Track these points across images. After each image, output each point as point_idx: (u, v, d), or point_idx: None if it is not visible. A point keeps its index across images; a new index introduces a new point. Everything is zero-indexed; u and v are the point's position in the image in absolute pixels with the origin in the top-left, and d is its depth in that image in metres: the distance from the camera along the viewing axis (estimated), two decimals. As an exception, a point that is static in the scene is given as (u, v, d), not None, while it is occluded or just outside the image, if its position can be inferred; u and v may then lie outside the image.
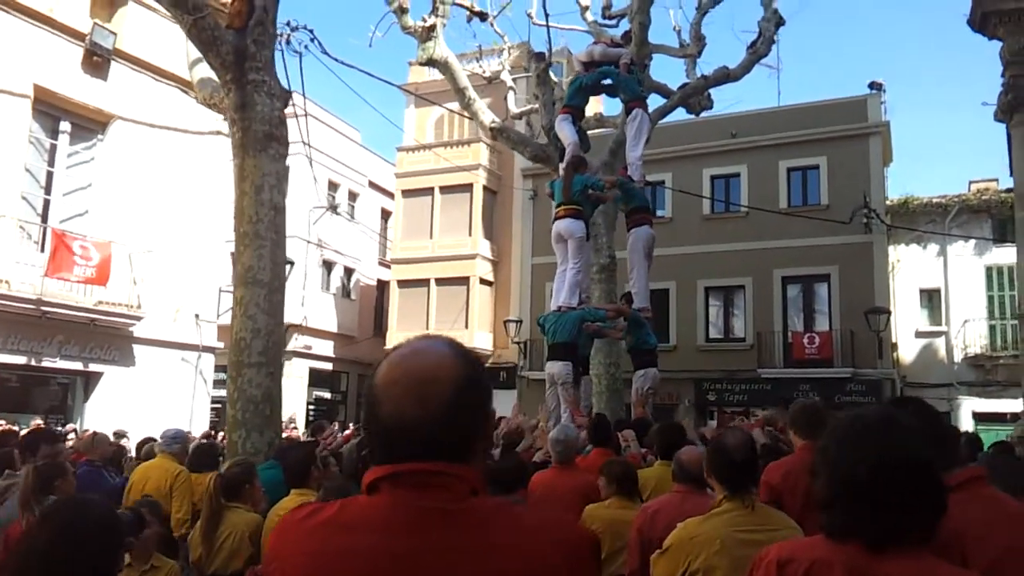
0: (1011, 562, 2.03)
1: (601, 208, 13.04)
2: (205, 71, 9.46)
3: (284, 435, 14.70)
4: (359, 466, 6.44)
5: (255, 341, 7.83)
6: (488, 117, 14.08)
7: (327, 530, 1.28)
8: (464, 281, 26.29)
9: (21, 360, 14.08)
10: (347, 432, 9.79)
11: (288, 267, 22.90)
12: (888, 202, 23.88)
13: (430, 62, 13.58)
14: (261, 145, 8.18)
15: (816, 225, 21.81)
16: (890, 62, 73.06)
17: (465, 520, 1.25)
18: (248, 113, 8.20)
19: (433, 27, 13.23)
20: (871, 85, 23.48)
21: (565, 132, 10.66)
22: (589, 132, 16.14)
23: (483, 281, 26.54)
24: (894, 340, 22.91)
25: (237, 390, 7.72)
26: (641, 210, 10.56)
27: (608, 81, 11.03)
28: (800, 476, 3.65)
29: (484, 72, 18.54)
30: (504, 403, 13.28)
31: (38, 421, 13.40)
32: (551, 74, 14.86)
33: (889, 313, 21.38)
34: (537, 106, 14.73)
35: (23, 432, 7.75)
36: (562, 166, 10.37)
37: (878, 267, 22.27)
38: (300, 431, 15.95)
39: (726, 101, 56.58)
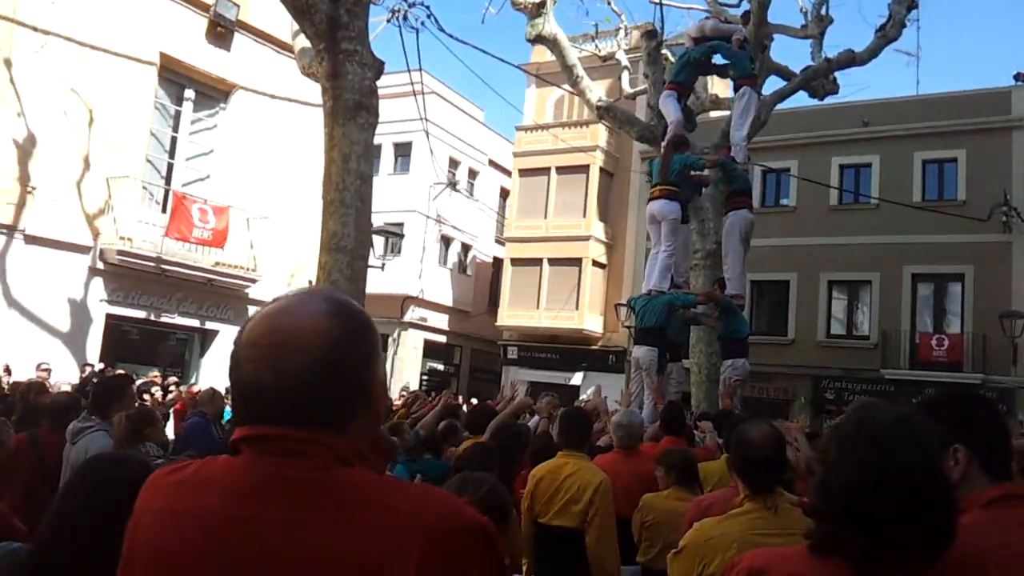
0: None
1: (709, 192, 12.63)
2: (305, 41, 9.61)
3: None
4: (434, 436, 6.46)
5: (337, 308, 7.89)
6: (596, 95, 13.80)
7: (178, 489, 1.21)
8: (577, 262, 26.07)
9: (141, 314, 14.86)
10: (434, 400, 9.76)
11: (393, 239, 23.55)
12: (1031, 200, 22.18)
13: (539, 39, 13.39)
14: (351, 114, 8.24)
15: (951, 221, 20.49)
16: (1040, 53, 67.69)
17: (320, 491, 1.13)
18: (339, 82, 8.27)
19: (543, 3, 13.02)
20: (1016, 76, 21.79)
21: (668, 109, 10.33)
22: (704, 114, 15.75)
23: (596, 263, 26.25)
24: (1031, 346, 21.34)
25: (319, 355, 7.81)
26: (741, 193, 10.12)
27: (719, 58, 10.60)
28: None
29: (600, 52, 18.21)
30: (613, 388, 13.03)
31: (155, 373, 14.12)
32: (666, 52, 14.44)
33: (1027, 318, 19.89)
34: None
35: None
36: (663, 144, 10.06)
37: (1017, 268, 20.71)
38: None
39: (853, 86, 54.13)
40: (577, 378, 25.22)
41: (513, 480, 5.69)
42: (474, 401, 14.80)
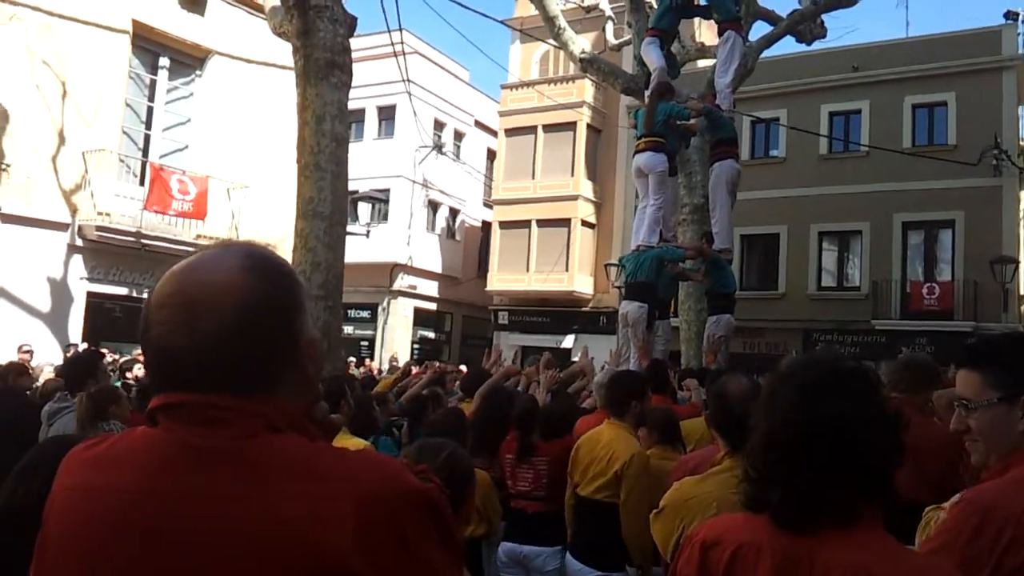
0: None
1: (696, 144, 12.40)
2: (276, -1, 9.33)
3: (361, 371, 14.86)
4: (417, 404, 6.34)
5: (315, 275, 7.76)
6: (578, 48, 13.50)
7: (93, 465, 1.12)
8: (565, 223, 25.83)
9: (123, 291, 14.66)
10: (415, 371, 9.64)
11: (380, 206, 23.28)
12: (1022, 143, 21.90)
13: (519, -10, 13.08)
14: (323, 73, 7.99)
15: (942, 167, 20.28)
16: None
17: (242, 461, 1.04)
18: (311, 40, 8.02)
19: (521, -48, 12.70)
20: (1007, 15, 21.50)
21: (651, 56, 10.05)
22: (691, 63, 15.46)
23: (585, 223, 26.02)
24: (1022, 292, 21.27)
25: (296, 323, 7.67)
26: (727, 142, 9.89)
27: (702, 1, 10.31)
28: None
29: (583, 2, 17.85)
30: (604, 350, 12.85)
31: (139, 351, 13.92)
32: (650, 0, 14.12)
33: (1017, 263, 19.79)
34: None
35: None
36: (647, 93, 9.81)
37: (1007, 213, 20.56)
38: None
39: (841, 29, 53.48)
40: (569, 341, 25.10)
41: (498, 445, 5.57)
42: (463, 368, 14.71)
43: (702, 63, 17.22)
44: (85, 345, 12.77)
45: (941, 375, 4.02)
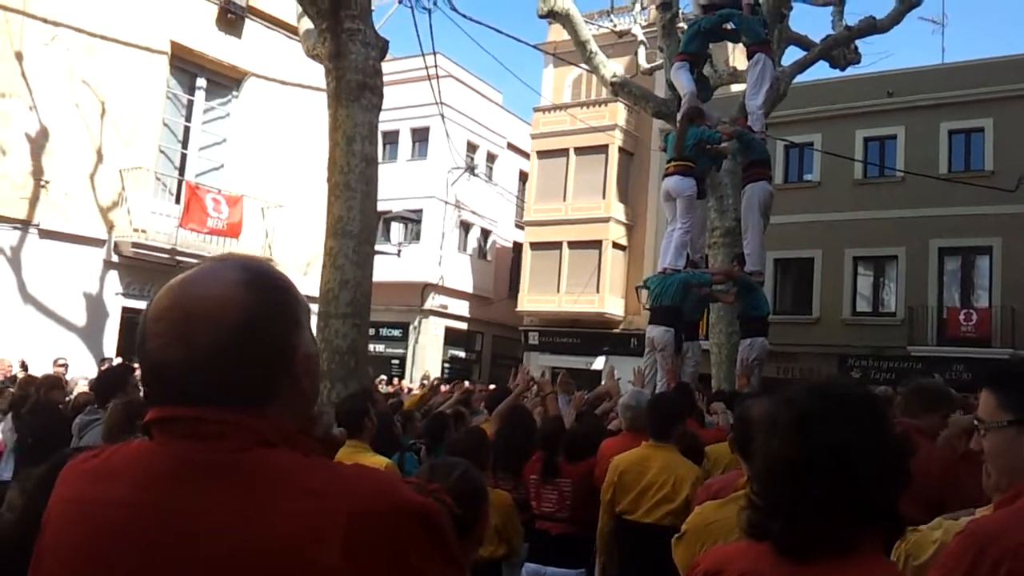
0: None
1: (728, 167, 12.36)
2: (309, 22, 9.45)
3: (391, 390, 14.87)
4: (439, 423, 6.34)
5: (343, 292, 7.80)
6: (610, 72, 13.54)
7: (89, 478, 1.11)
8: (597, 245, 25.79)
9: (157, 307, 14.80)
10: (444, 388, 9.65)
11: (412, 226, 23.39)
12: (1060, 169, 21.63)
13: (551, 14, 13.15)
14: (354, 95, 8.05)
15: (979, 193, 19.93)
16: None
17: (236, 475, 1.03)
18: (342, 62, 8.09)
19: (555, -23, 12.79)
20: (1045, 40, 21.24)
21: (681, 81, 10.06)
22: (723, 87, 15.44)
23: (616, 245, 25.97)
24: (1061, 320, 20.88)
25: (324, 341, 7.72)
26: (759, 164, 9.83)
27: (730, 25, 10.31)
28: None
29: (615, 27, 17.92)
30: (632, 371, 12.75)
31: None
32: (682, 25, 14.13)
33: (1056, 290, 19.45)
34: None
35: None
36: (678, 117, 9.81)
37: (1047, 240, 20.23)
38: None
39: (876, 55, 53.10)
40: (599, 362, 24.96)
41: (522, 465, 5.55)
42: (493, 387, 14.70)
43: (735, 87, 17.18)
44: (119, 360, 12.93)
45: (953, 399, 3.99)
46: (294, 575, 0.97)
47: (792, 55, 14.63)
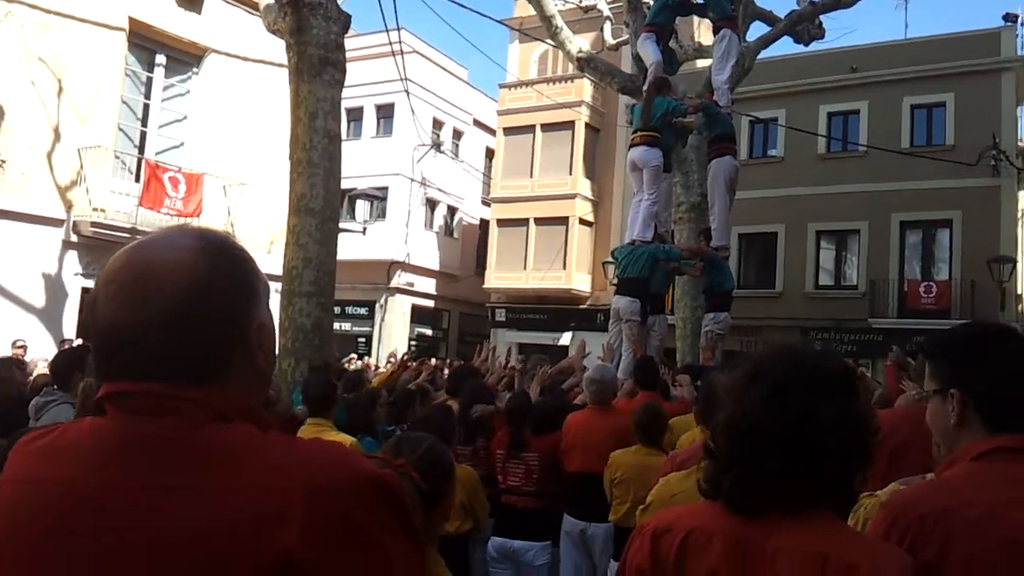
0: (1012, 559, 1.49)
1: (694, 143, 12.38)
2: (270, -5, 9.30)
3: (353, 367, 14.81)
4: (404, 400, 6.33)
5: (306, 271, 7.77)
6: (575, 47, 13.48)
7: (40, 456, 1.07)
8: (563, 221, 25.81)
9: (118, 287, 14.59)
10: (412, 366, 9.60)
11: (378, 203, 23.24)
12: (1020, 144, 21.95)
13: (515, -13, 13.06)
14: (316, 70, 7.98)
15: (940, 167, 20.25)
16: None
17: (189, 452, 1.01)
18: (304, 37, 8.01)
19: (518, -49, 12.68)
20: (1005, 17, 21.59)
21: (648, 51, 10.01)
22: (688, 62, 15.44)
23: (583, 221, 26.00)
24: (1019, 292, 21.31)
25: (288, 319, 7.70)
26: (725, 139, 9.84)
27: None
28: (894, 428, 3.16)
29: (581, 3, 17.83)
30: (600, 347, 12.81)
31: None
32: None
33: (1015, 262, 19.79)
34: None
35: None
36: (644, 88, 9.78)
37: (1005, 213, 20.64)
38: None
39: (840, 30, 53.51)
40: (566, 338, 25.09)
41: (490, 441, 5.58)
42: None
43: (701, 63, 17.19)
44: (80, 341, 12.73)
45: None
46: (252, 552, 0.95)
47: (757, 30, 14.67)
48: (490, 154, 30.02)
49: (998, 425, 1.66)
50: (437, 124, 28.34)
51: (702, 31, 18.67)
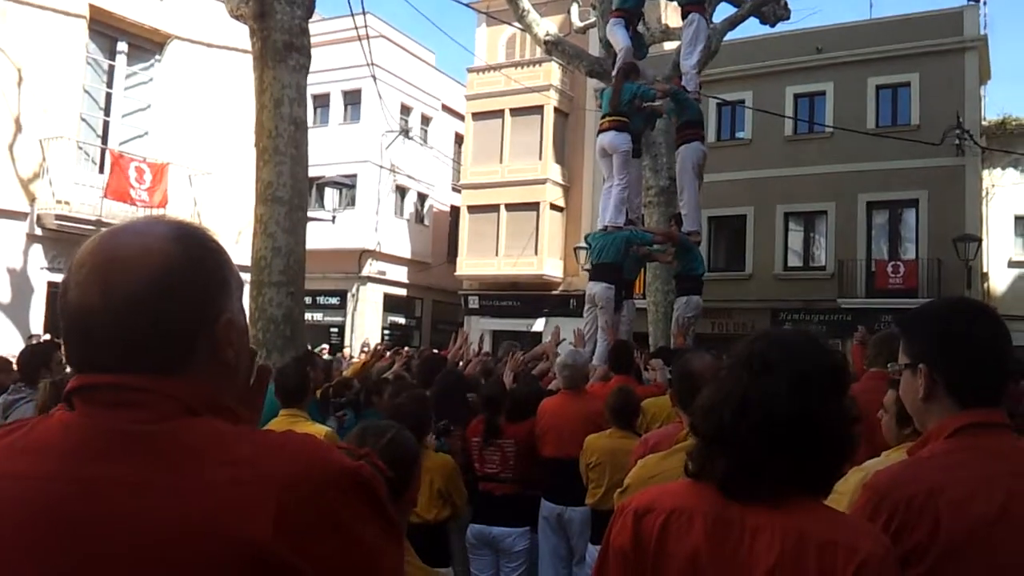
0: (997, 534, 1.53)
1: (662, 127, 12.41)
2: (233, -20, 9.16)
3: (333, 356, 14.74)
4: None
5: (275, 260, 7.71)
6: (543, 31, 13.44)
7: (7, 451, 1.05)
8: (534, 207, 25.76)
9: (84, 280, 14.41)
10: (388, 355, 9.55)
11: (346, 191, 23.10)
12: (984, 123, 22.29)
13: (483, -28, 12.98)
14: (281, 56, 7.89)
15: (905, 147, 20.42)
16: (999, -28, 67.63)
17: (158, 446, 0.99)
18: (267, 22, 7.91)
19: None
20: (968, -4, 21.77)
21: (617, 37, 10.02)
22: (655, 45, 15.45)
23: (553, 207, 25.98)
24: (984, 270, 21.62)
25: (258, 309, 7.64)
26: (693, 124, 9.89)
27: None
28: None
29: (548, -15, 17.76)
30: (573, 332, 12.86)
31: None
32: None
33: (980, 241, 20.14)
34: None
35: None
36: (613, 73, 9.78)
37: (970, 192, 20.93)
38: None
39: (804, 11, 53.64)
40: (539, 324, 25.13)
41: (464, 426, 5.58)
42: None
43: (668, 45, 17.22)
44: (47, 336, 12.56)
45: None
46: (225, 548, 0.94)
47: (723, 12, 14.69)
48: (459, 140, 29.89)
49: (965, 399, 1.69)
50: (405, 110, 28.16)
51: (669, 13, 18.69)
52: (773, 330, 1.66)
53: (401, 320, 29.25)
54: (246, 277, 19.01)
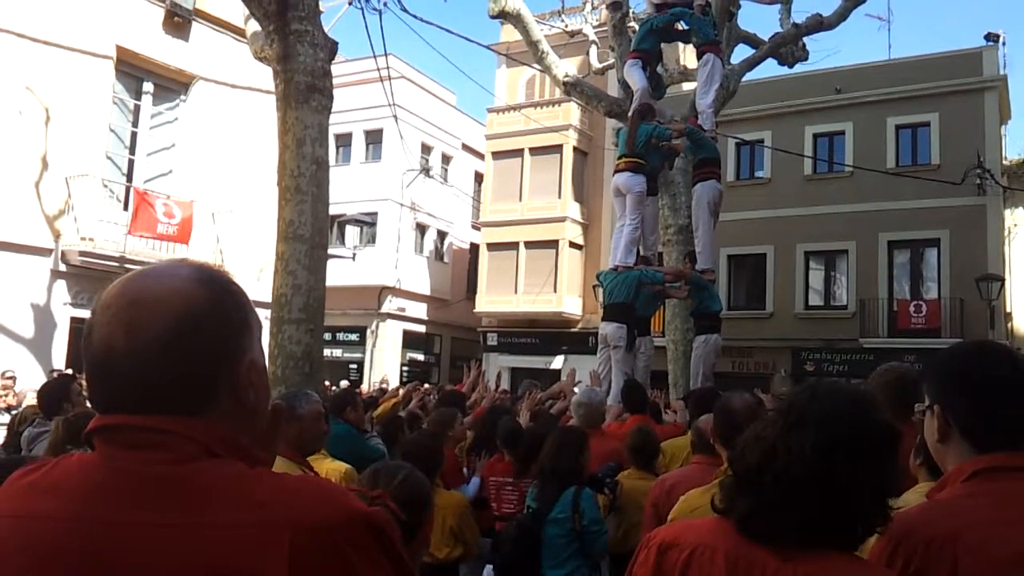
0: None
1: (681, 166, 12.45)
2: (257, 24, 9.34)
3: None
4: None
5: (295, 297, 7.72)
6: (562, 71, 13.58)
7: (28, 491, 1.06)
8: (553, 244, 25.86)
9: (107, 316, 14.53)
10: (403, 392, 9.57)
11: (367, 229, 23.24)
12: (1005, 162, 22.26)
13: (502, 14, 13.14)
14: (303, 97, 7.97)
15: (926, 186, 20.43)
16: (1009, 12, 67.97)
17: (176, 488, 1.01)
18: (291, 64, 8.00)
19: (506, -23, 12.79)
20: (987, 37, 21.89)
21: (634, 77, 10.15)
22: (674, 85, 15.56)
23: (572, 244, 26.06)
24: (1008, 310, 21.44)
25: (277, 346, 7.64)
26: (709, 163, 9.93)
27: (682, 24, 10.42)
28: None
29: (567, 27, 17.98)
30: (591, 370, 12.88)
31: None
32: (633, 25, 14.22)
33: (1003, 281, 19.95)
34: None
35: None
36: (629, 114, 9.87)
37: (992, 232, 20.79)
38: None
39: (823, 52, 53.96)
40: (558, 362, 25.07)
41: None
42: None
43: (687, 86, 17.34)
44: (70, 371, 12.65)
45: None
46: None
47: (741, 53, 14.81)
48: (479, 178, 30.13)
49: (979, 442, 1.66)
50: (426, 149, 28.44)
51: (687, 55, 18.84)
52: (824, 383, 1.63)
53: (420, 357, 29.27)
54: (266, 314, 19.11)
